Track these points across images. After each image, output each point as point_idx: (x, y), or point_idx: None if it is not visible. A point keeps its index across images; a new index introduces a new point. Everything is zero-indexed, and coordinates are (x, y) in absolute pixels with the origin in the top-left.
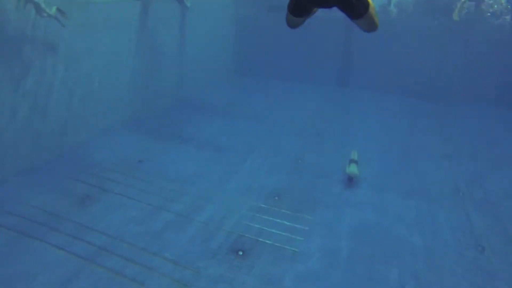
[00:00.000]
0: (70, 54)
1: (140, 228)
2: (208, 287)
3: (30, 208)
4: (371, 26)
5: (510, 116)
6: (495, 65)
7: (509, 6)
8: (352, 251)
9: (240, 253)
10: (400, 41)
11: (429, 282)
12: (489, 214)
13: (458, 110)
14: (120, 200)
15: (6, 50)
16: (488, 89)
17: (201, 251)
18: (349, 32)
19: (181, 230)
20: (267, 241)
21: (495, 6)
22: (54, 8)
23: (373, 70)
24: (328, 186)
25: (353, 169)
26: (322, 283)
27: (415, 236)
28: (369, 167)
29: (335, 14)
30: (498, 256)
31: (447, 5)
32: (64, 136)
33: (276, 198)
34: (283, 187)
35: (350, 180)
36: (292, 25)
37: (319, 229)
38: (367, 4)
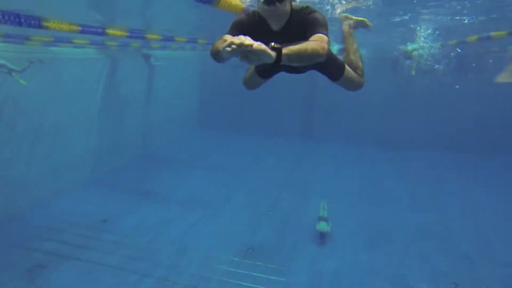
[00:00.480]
0: (32, 109)
1: None
2: None
3: None
4: (351, 86)
5: (463, 160)
6: (441, 114)
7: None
8: None
9: None
10: (360, 94)
11: None
12: (456, 256)
13: (413, 156)
14: (81, 267)
15: None
16: (437, 136)
17: None
18: (312, 86)
19: None
20: None
21: (427, 58)
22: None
23: (335, 122)
24: (300, 240)
25: (323, 226)
26: None
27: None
28: (337, 220)
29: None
30: None
31: (398, 61)
32: (17, 196)
33: (251, 250)
34: (255, 240)
35: (322, 237)
36: (250, 85)
37: (293, 284)
38: (343, 68)
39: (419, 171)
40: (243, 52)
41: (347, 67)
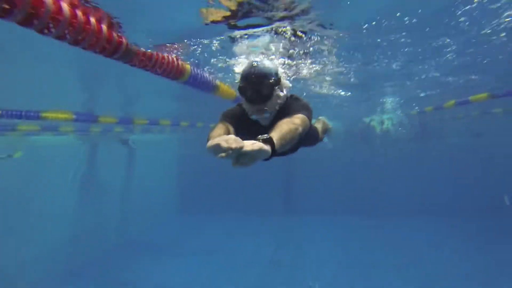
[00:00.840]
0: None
1: None
2: None
3: None
4: (325, 132)
5: (444, 225)
6: (412, 179)
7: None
8: None
9: None
10: (337, 165)
11: None
12: None
13: (393, 223)
14: None
15: None
16: (414, 201)
17: None
18: (289, 161)
19: None
20: None
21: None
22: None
23: (316, 194)
24: None
25: None
26: None
27: None
28: None
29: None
30: None
31: (367, 131)
32: None
33: None
34: None
35: None
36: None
37: None
38: (318, 138)
39: (401, 238)
40: (234, 156)
41: (320, 133)
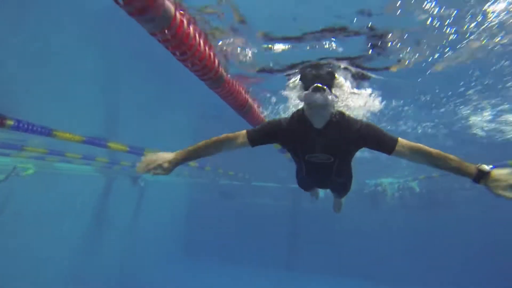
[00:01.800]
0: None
1: None
2: None
3: None
4: (341, 207)
5: None
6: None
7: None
8: None
9: None
10: (340, 225)
11: None
12: None
13: None
14: None
15: None
16: (423, 270)
17: None
18: (295, 218)
19: None
20: None
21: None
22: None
23: (319, 253)
24: None
25: None
26: None
27: None
28: None
29: (282, 202)
30: None
31: (376, 196)
32: None
33: None
34: None
35: None
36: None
37: None
38: (349, 188)
39: None
40: None
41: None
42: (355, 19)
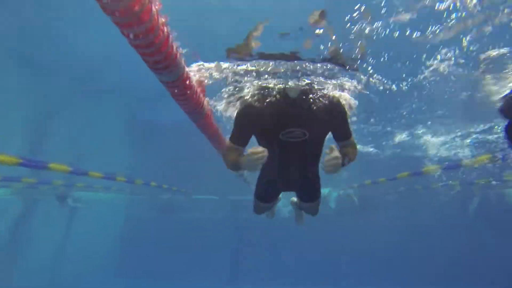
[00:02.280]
0: None
1: None
2: None
3: None
4: (315, 211)
5: None
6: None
7: None
8: None
9: None
10: (286, 235)
11: None
12: None
13: None
14: None
15: None
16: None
17: None
18: (238, 229)
19: None
20: None
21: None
22: None
23: (262, 263)
24: None
25: None
26: None
27: None
28: None
29: (223, 213)
30: None
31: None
32: None
33: None
34: None
35: None
36: (259, 211)
37: None
38: (320, 194)
39: None
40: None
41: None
42: None
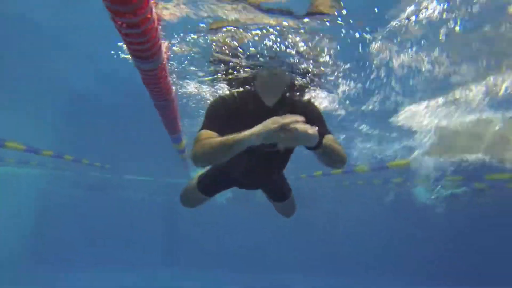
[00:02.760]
0: None
1: None
2: None
3: None
4: (289, 211)
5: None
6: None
7: None
8: None
9: None
10: (223, 222)
11: None
12: None
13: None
14: None
15: None
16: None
17: None
18: (173, 213)
19: None
20: None
21: None
22: None
23: (202, 246)
24: None
25: None
26: None
27: None
28: None
29: (157, 197)
30: None
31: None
32: None
33: None
34: None
35: None
36: (189, 203)
37: None
38: (289, 191)
39: None
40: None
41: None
42: None
